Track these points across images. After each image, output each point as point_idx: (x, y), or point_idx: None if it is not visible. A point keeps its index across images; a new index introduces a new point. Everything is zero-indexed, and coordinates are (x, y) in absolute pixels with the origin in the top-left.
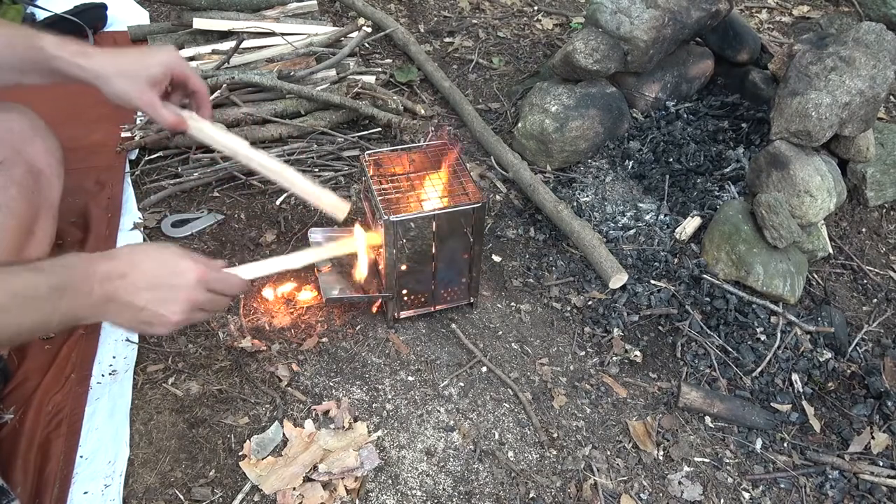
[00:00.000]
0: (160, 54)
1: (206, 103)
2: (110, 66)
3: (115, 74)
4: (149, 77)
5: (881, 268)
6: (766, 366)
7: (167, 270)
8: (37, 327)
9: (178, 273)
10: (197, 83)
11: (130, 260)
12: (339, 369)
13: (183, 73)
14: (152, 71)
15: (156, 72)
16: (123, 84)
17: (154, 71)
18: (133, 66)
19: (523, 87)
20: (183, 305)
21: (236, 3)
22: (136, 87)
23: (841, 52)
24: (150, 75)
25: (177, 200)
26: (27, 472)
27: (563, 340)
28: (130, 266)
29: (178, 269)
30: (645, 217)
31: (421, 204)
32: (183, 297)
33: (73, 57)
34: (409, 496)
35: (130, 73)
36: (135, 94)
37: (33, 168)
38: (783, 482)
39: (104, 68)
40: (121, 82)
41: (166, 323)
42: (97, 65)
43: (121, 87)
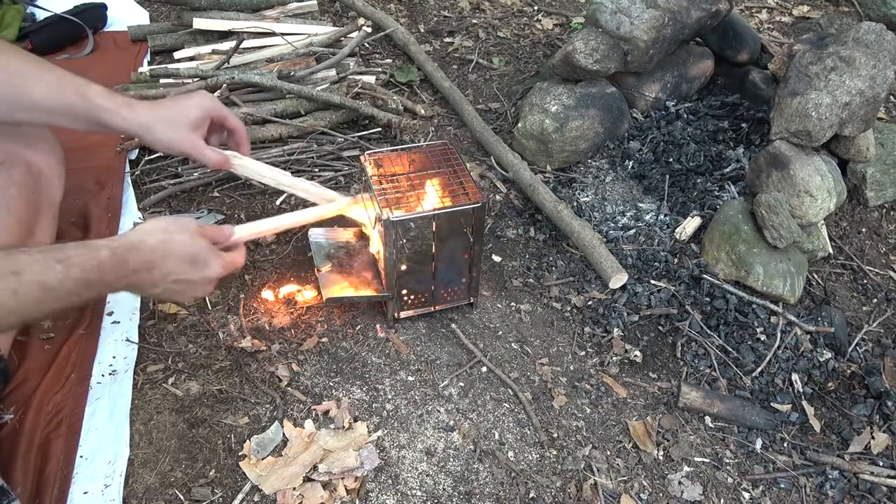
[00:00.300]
0: (197, 99)
1: (245, 141)
2: (152, 116)
3: (158, 123)
4: (189, 122)
5: (881, 268)
6: (766, 366)
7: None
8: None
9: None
10: (234, 122)
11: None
12: (339, 369)
13: (220, 114)
14: (192, 116)
15: (195, 116)
16: (167, 131)
17: (194, 115)
18: (174, 114)
19: (523, 87)
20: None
21: (236, 3)
22: (179, 133)
23: (841, 52)
24: (191, 120)
25: (177, 200)
26: (27, 472)
27: (563, 340)
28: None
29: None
30: (645, 217)
31: (421, 204)
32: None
33: (119, 108)
34: (409, 496)
35: (172, 120)
36: (178, 139)
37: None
38: (783, 482)
39: (147, 118)
40: (165, 130)
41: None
42: (141, 116)
43: (165, 135)
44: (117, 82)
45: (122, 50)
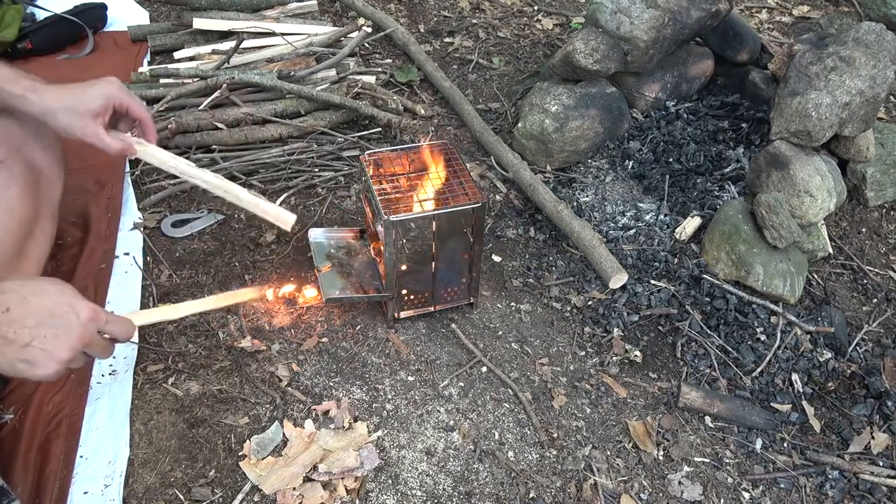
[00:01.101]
0: (100, 87)
1: (151, 129)
2: (55, 102)
3: (60, 110)
4: (89, 110)
5: (881, 268)
6: (766, 366)
7: (61, 306)
8: None
9: (73, 309)
10: (138, 111)
11: (20, 295)
12: (339, 369)
13: (123, 103)
14: (92, 104)
15: (96, 105)
16: (68, 118)
17: (94, 104)
18: (74, 101)
19: (523, 87)
20: (73, 342)
21: (236, 3)
22: (79, 120)
23: (841, 52)
24: (91, 108)
25: (177, 200)
26: (27, 472)
27: (563, 340)
28: (19, 301)
29: (72, 306)
30: (645, 217)
31: (421, 204)
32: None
33: (25, 92)
34: (409, 496)
35: (72, 107)
36: (78, 126)
37: (34, 167)
38: (783, 482)
39: (50, 104)
40: (65, 117)
41: (51, 361)
42: (44, 101)
43: (66, 121)
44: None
45: (122, 50)
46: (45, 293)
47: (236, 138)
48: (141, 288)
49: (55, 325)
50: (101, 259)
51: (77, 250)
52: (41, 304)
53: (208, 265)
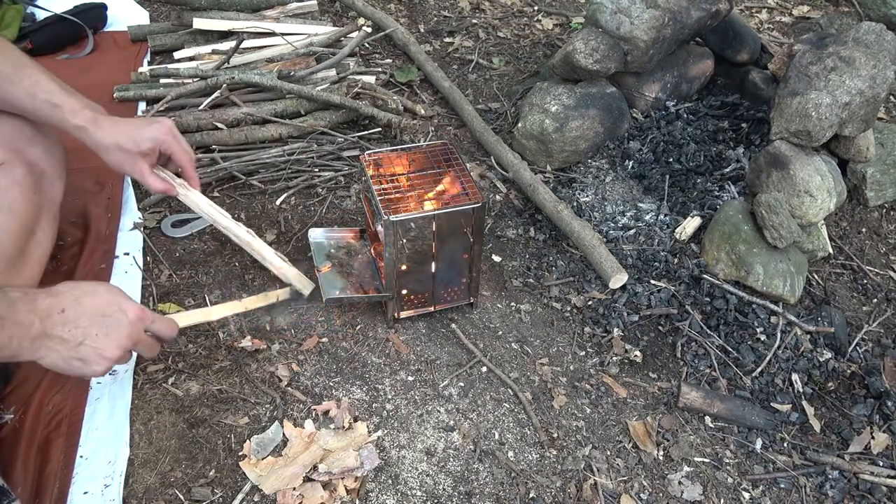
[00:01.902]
0: (152, 129)
1: (191, 175)
2: (110, 139)
3: (113, 147)
4: (140, 151)
5: (881, 268)
6: (766, 366)
7: (111, 306)
8: None
9: (122, 309)
10: (180, 159)
11: (73, 297)
12: (339, 369)
13: (169, 150)
14: (142, 146)
15: (145, 147)
16: (119, 156)
17: (144, 146)
18: (127, 140)
19: (523, 87)
20: (123, 341)
21: (236, 3)
22: (129, 159)
23: (841, 52)
24: (141, 150)
25: (177, 201)
26: (27, 472)
27: (563, 340)
28: (72, 302)
29: (121, 306)
30: (645, 217)
31: (421, 204)
32: (125, 333)
33: (86, 124)
34: (409, 496)
35: (125, 146)
36: (127, 165)
37: (35, 168)
38: (783, 482)
39: (105, 141)
40: (117, 155)
41: (104, 359)
42: (101, 137)
43: (116, 159)
44: (117, 82)
45: (122, 50)
46: (97, 294)
47: (236, 138)
48: (141, 288)
49: (106, 325)
50: (101, 259)
51: (77, 250)
52: (93, 304)
53: (208, 265)
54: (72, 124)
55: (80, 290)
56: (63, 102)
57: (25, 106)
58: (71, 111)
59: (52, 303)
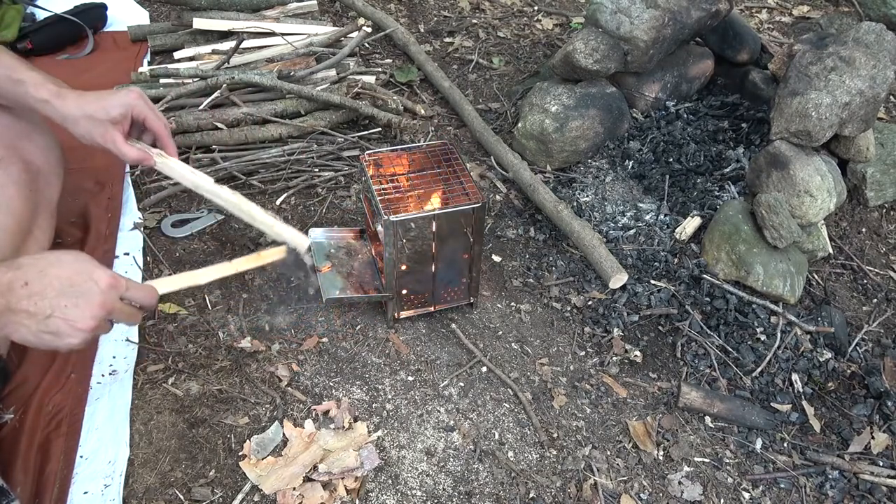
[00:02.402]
0: (121, 96)
1: (168, 143)
2: (76, 110)
3: (81, 118)
4: (110, 118)
5: (881, 268)
6: (766, 366)
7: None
8: None
9: (91, 278)
10: (154, 124)
11: (37, 268)
12: (339, 369)
13: (141, 114)
14: (112, 113)
15: (115, 113)
16: (88, 126)
17: (114, 113)
18: (94, 108)
19: (523, 87)
20: (96, 310)
21: (236, 3)
22: (99, 128)
23: (841, 52)
24: (111, 117)
25: (177, 200)
26: (27, 472)
27: (563, 340)
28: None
29: (90, 274)
30: (645, 217)
31: (421, 204)
32: (96, 302)
33: (50, 97)
34: (409, 496)
35: (93, 115)
36: (98, 134)
37: (31, 166)
38: (783, 482)
39: (71, 111)
40: (86, 125)
41: (77, 330)
42: (66, 109)
43: (86, 129)
44: (117, 82)
45: (122, 50)
46: (62, 264)
47: (236, 138)
48: None
49: (75, 295)
50: (101, 259)
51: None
52: (59, 274)
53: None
54: (35, 97)
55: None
56: (25, 77)
57: None
58: (34, 85)
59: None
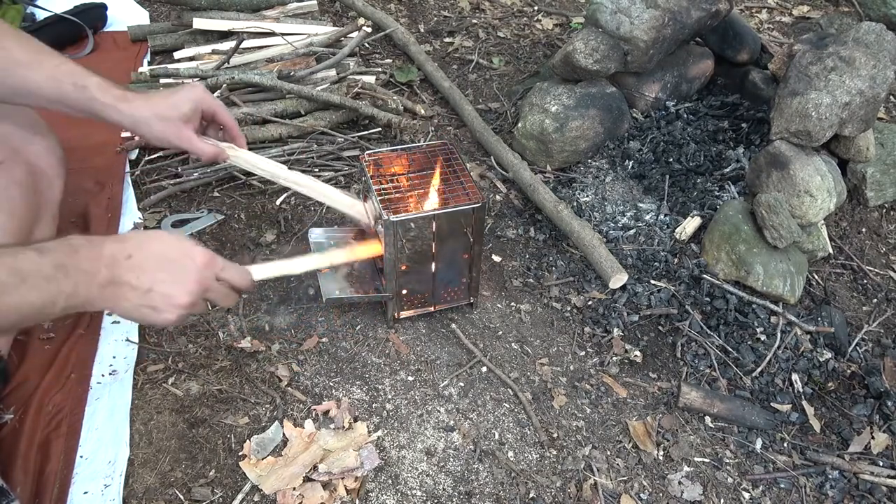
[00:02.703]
0: (187, 92)
1: (238, 134)
2: (146, 111)
3: (152, 118)
4: (181, 115)
5: (881, 268)
6: (766, 366)
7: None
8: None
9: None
10: (224, 117)
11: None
12: (339, 369)
13: (211, 108)
14: (183, 109)
15: (186, 109)
16: (161, 126)
17: (185, 109)
18: (165, 107)
19: (523, 87)
20: (192, 287)
21: (236, 3)
22: (171, 127)
23: (841, 52)
24: (182, 114)
25: (177, 200)
26: (27, 472)
27: (563, 340)
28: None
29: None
30: (645, 217)
31: (421, 204)
32: (193, 279)
33: (116, 102)
34: (409, 496)
35: (163, 114)
36: (172, 134)
37: (34, 168)
38: (783, 482)
39: (141, 113)
40: (157, 125)
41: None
42: (136, 110)
43: (159, 129)
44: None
45: (122, 50)
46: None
47: None
48: None
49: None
50: None
51: None
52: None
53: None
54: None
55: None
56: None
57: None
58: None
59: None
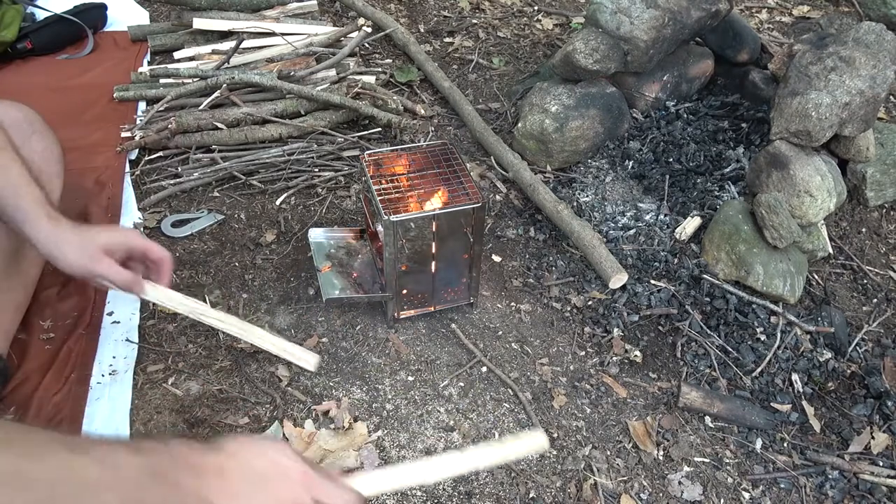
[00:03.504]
0: (119, 230)
1: (167, 271)
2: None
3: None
4: (100, 246)
5: (881, 268)
6: (766, 366)
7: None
8: None
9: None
10: (159, 253)
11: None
12: (339, 369)
13: (142, 246)
14: (108, 241)
15: (111, 242)
16: (75, 253)
17: (110, 241)
18: (88, 238)
19: (523, 87)
20: None
21: (236, 3)
22: (87, 255)
23: (841, 52)
24: (103, 244)
25: (177, 200)
26: None
27: (563, 340)
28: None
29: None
30: (645, 217)
31: (421, 204)
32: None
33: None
34: (410, 496)
35: (82, 245)
36: (86, 260)
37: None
38: (783, 482)
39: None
40: (73, 252)
41: None
42: (57, 234)
43: (73, 256)
44: (117, 82)
45: (122, 50)
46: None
47: (236, 138)
48: None
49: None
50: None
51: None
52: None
53: (208, 265)
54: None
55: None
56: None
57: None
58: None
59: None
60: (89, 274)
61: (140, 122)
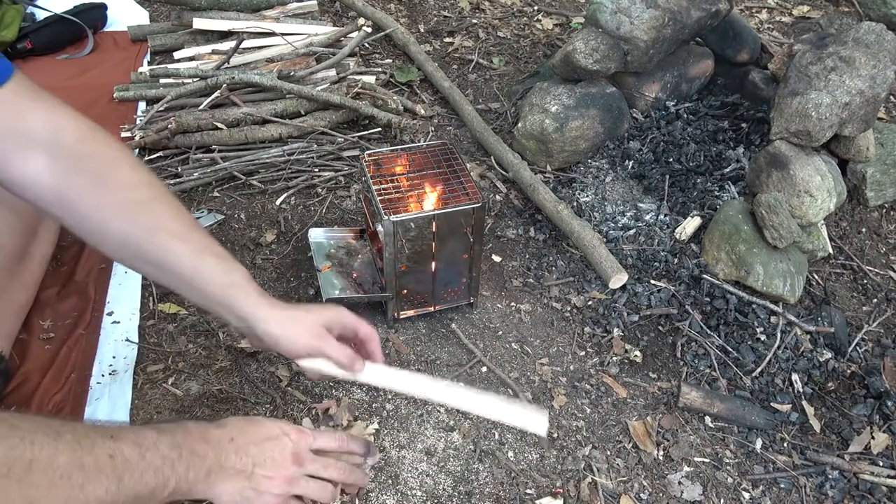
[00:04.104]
0: (328, 307)
1: (378, 349)
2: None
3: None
4: (323, 323)
5: (881, 268)
6: (766, 366)
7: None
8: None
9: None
10: (367, 329)
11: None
12: None
13: (354, 322)
14: (324, 318)
15: (326, 319)
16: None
17: (325, 318)
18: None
19: (523, 87)
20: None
21: (236, 3)
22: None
23: (841, 52)
24: (324, 322)
25: None
26: None
27: (563, 340)
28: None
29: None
30: (645, 217)
31: (421, 204)
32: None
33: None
34: (409, 496)
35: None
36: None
37: None
38: (783, 482)
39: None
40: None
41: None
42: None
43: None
44: (117, 82)
45: (122, 50)
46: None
47: (236, 138)
48: (141, 288)
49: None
50: (101, 259)
51: (77, 250)
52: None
53: None
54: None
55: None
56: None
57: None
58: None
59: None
60: (315, 353)
61: (140, 122)
